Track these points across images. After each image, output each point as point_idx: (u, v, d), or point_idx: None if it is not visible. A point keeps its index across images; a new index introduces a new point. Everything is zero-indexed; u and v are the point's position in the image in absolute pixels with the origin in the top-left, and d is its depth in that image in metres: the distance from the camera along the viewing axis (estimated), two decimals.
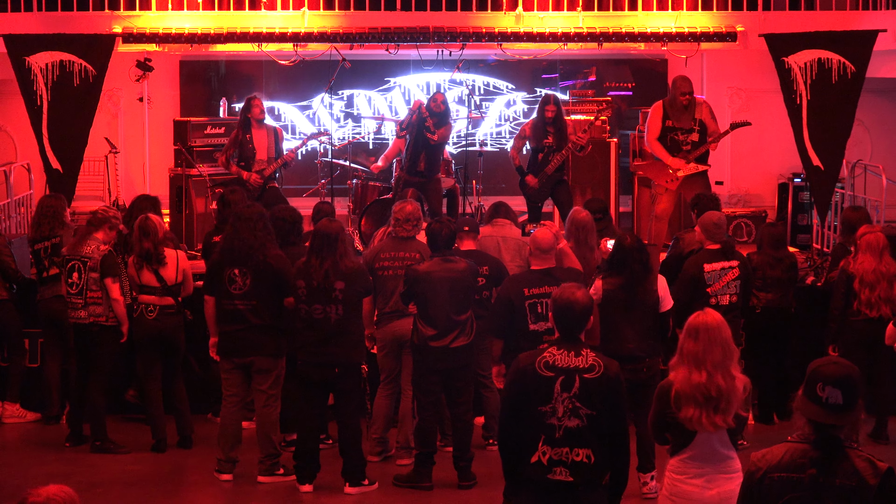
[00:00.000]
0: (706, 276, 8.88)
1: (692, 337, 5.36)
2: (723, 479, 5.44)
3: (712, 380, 5.31)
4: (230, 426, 8.54)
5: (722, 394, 5.33)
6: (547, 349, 5.31)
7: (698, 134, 11.71)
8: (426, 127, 11.74)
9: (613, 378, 5.23)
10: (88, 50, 11.46)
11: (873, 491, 3.98)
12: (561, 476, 5.20)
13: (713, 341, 5.34)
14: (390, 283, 8.71)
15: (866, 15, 13.17)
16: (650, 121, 11.83)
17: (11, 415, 10.11)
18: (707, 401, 5.32)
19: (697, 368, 5.32)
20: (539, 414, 5.21)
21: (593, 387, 5.19)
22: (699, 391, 5.31)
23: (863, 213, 10.19)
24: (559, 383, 5.20)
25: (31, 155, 12.85)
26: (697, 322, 5.39)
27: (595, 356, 5.28)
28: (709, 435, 5.39)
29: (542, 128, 11.78)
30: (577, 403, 5.19)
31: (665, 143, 11.73)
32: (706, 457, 5.42)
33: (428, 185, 11.74)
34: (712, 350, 5.33)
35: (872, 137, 14.60)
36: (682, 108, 11.69)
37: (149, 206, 9.73)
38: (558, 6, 13.40)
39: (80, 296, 9.11)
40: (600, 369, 5.23)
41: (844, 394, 4.06)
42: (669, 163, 11.71)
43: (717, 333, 5.37)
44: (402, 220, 8.80)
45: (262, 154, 11.67)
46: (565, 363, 5.24)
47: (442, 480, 8.40)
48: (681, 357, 5.39)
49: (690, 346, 5.35)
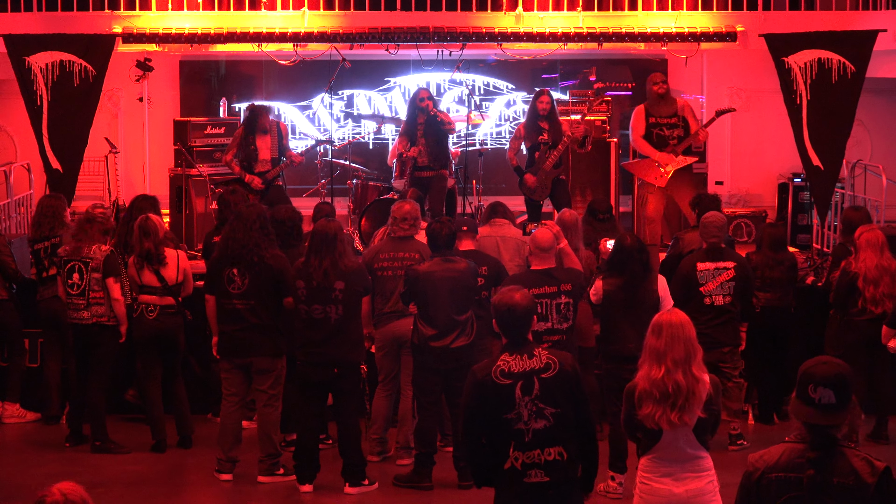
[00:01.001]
0: (699, 276, 8.89)
1: (655, 333, 5.36)
2: (691, 476, 5.44)
3: (670, 376, 5.29)
4: (230, 426, 8.55)
5: (680, 391, 5.29)
6: (500, 357, 5.30)
7: (682, 129, 11.76)
8: (440, 122, 11.83)
9: (570, 372, 5.27)
10: (88, 50, 11.46)
11: (871, 490, 3.99)
12: (537, 478, 5.24)
13: (676, 338, 5.32)
14: (389, 283, 8.72)
15: (866, 15, 13.16)
16: (634, 121, 11.92)
17: (11, 415, 10.11)
18: (664, 397, 5.29)
19: (657, 364, 5.32)
20: (506, 422, 5.23)
21: (553, 385, 5.22)
22: (656, 387, 5.29)
23: (863, 213, 10.20)
24: (519, 388, 5.22)
25: (31, 155, 12.84)
26: (661, 319, 5.39)
27: (548, 354, 5.30)
28: (675, 434, 5.37)
29: (535, 122, 11.79)
30: (541, 405, 5.22)
31: (651, 140, 11.78)
32: (673, 456, 5.42)
33: (436, 181, 11.80)
34: (674, 347, 5.31)
35: (872, 137, 14.59)
36: (659, 97, 11.80)
37: (148, 206, 9.72)
38: (558, 6, 13.40)
39: (83, 296, 9.11)
40: (556, 366, 5.25)
41: (837, 393, 4.06)
42: (657, 158, 11.73)
43: (681, 331, 5.34)
44: (400, 220, 8.80)
45: (266, 154, 11.68)
46: (520, 367, 5.25)
47: (442, 480, 8.40)
48: (644, 354, 5.40)
49: (653, 343, 5.35)
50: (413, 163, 11.86)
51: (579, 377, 5.31)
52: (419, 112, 11.92)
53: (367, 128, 14.31)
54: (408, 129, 12.07)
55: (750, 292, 9.23)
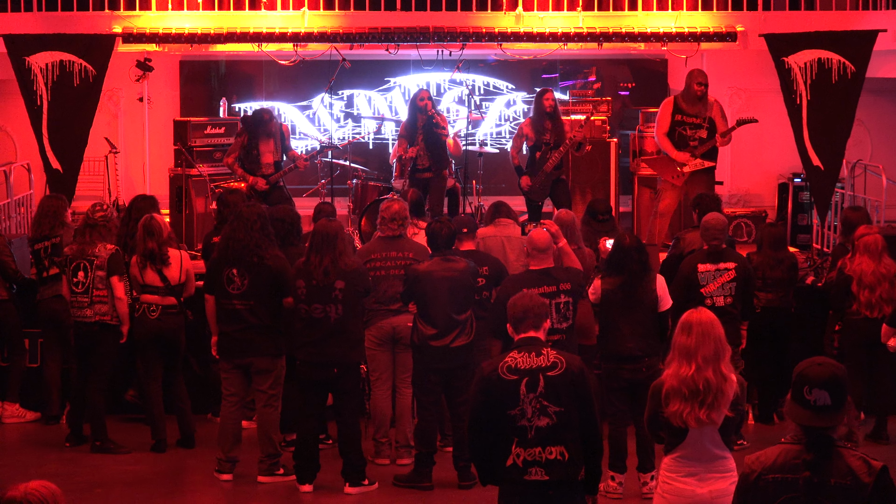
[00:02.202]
0: (699, 277, 8.89)
1: (685, 332, 5.37)
2: (715, 477, 5.43)
3: (700, 373, 5.30)
4: (230, 426, 8.55)
5: (710, 388, 5.30)
6: (508, 354, 5.35)
7: (707, 131, 11.69)
8: (435, 123, 11.82)
9: (577, 372, 5.28)
10: (88, 50, 11.46)
11: (868, 489, 3.99)
12: (537, 476, 5.25)
13: (706, 336, 5.34)
14: (383, 283, 8.72)
15: (866, 15, 13.16)
16: (660, 115, 11.82)
17: (11, 415, 10.11)
18: (693, 394, 5.30)
19: (687, 362, 5.32)
20: (509, 418, 5.25)
21: (558, 383, 5.24)
22: (685, 385, 5.30)
23: (863, 213, 10.20)
24: (524, 385, 5.25)
25: (31, 155, 12.84)
26: (691, 317, 5.40)
27: (556, 353, 5.34)
28: (700, 433, 5.38)
29: (540, 121, 11.78)
30: (545, 402, 5.24)
31: (673, 139, 11.73)
32: (698, 455, 5.42)
33: (435, 182, 11.79)
34: (705, 344, 5.32)
35: (872, 137, 14.59)
36: (696, 98, 11.66)
37: (147, 207, 9.72)
38: (558, 6, 13.40)
39: (87, 294, 9.11)
40: (563, 366, 5.28)
41: (832, 394, 4.05)
42: (675, 157, 11.69)
43: (711, 329, 5.36)
44: (389, 219, 8.80)
45: (269, 158, 11.69)
46: (527, 364, 5.29)
47: (442, 480, 8.40)
48: (673, 352, 5.41)
49: (683, 340, 5.36)
50: (413, 164, 11.87)
51: (586, 379, 5.33)
52: (419, 113, 11.93)
53: (367, 128, 14.31)
54: (407, 130, 12.08)
55: (751, 292, 9.23)
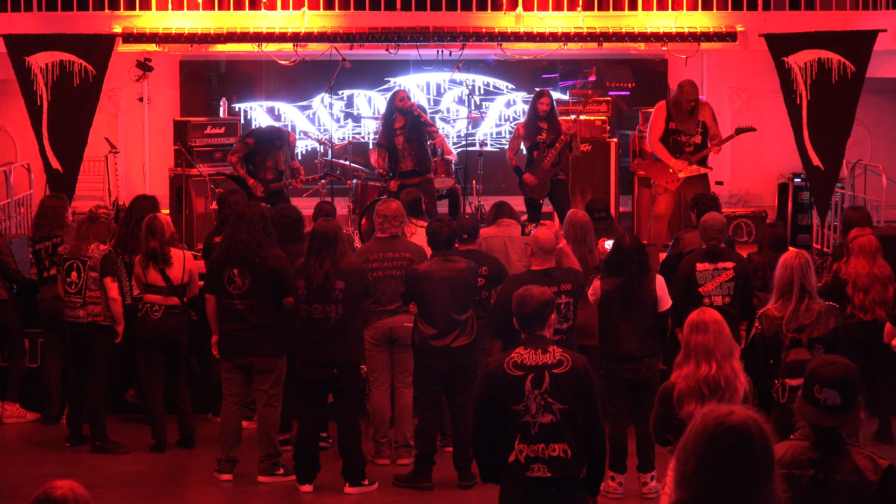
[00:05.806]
0: (698, 276, 8.89)
1: (701, 330, 5.39)
2: None
3: (721, 370, 5.34)
4: (230, 426, 8.54)
5: (729, 384, 5.35)
6: (514, 350, 5.38)
7: (701, 136, 11.71)
8: (423, 122, 11.80)
9: (582, 371, 5.32)
10: (88, 50, 11.47)
11: (874, 487, 3.98)
12: (539, 472, 5.28)
13: (721, 334, 5.41)
14: (381, 283, 8.70)
15: (866, 15, 13.16)
16: (653, 121, 11.82)
17: (11, 415, 10.10)
18: (712, 393, 5.33)
19: (707, 360, 5.35)
20: (513, 413, 5.29)
21: (563, 381, 5.27)
22: (705, 384, 5.32)
23: (863, 214, 10.19)
24: (529, 381, 5.29)
25: (31, 155, 12.85)
26: (704, 316, 5.44)
27: (562, 351, 5.37)
28: None
29: (534, 123, 11.79)
30: (549, 399, 5.27)
31: (667, 144, 11.73)
32: None
33: (424, 185, 11.75)
34: (720, 342, 5.37)
35: (872, 137, 14.59)
36: (687, 113, 11.68)
37: (148, 207, 9.71)
38: (558, 6, 13.40)
39: (79, 295, 9.11)
40: (569, 363, 5.31)
41: (842, 394, 4.04)
42: (671, 164, 11.70)
43: (724, 326, 5.43)
44: (387, 219, 8.77)
45: (270, 164, 11.71)
46: (533, 361, 5.32)
47: (442, 480, 8.40)
48: (687, 352, 5.41)
49: (700, 339, 5.38)
50: (396, 168, 11.81)
51: (591, 379, 5.35)
52: (399, 114, 11.88)
53: (367, 128, 14.30)
54: (385, 136, 11.99)
55: (750, 292, 9.22)
